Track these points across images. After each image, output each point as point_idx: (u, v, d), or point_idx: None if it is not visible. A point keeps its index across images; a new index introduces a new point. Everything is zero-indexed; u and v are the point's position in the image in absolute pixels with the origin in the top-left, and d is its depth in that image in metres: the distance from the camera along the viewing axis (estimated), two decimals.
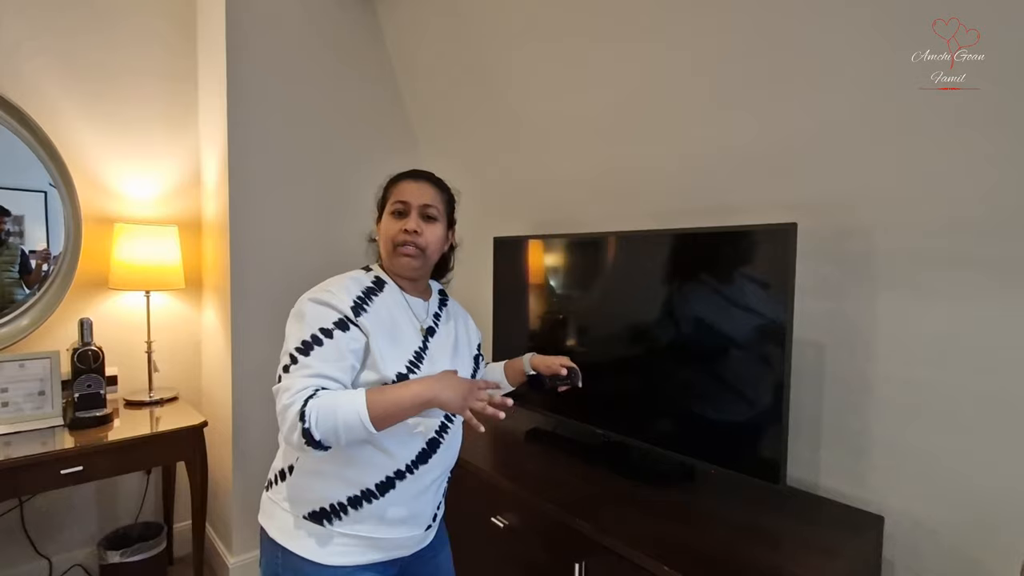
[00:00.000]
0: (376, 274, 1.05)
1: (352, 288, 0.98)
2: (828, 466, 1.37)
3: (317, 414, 0.83)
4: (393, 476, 0.97)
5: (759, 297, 1.24)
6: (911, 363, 1.22)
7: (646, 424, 1.47)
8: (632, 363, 1.51)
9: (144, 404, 2.02)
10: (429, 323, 1.07)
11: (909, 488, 1.23)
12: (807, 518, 1.23)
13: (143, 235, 1.96)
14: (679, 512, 1.25)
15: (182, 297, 2.22)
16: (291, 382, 0.87)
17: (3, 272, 1.85)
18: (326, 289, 0.96)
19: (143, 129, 2.09)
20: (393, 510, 0.97)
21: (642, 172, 1.68)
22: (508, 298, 1.91)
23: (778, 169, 1.38)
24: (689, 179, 1.57)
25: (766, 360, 1.22)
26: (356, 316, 0.94)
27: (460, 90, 2.11)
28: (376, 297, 1.00)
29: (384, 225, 1.04)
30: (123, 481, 2.14)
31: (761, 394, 1.23)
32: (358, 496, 0.95)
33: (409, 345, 1.00)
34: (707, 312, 1.33)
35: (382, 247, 1.05)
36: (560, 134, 1.85)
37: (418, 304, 1.07)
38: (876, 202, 1.24)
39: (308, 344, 0.90)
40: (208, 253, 2.18)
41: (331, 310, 0.93)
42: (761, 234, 1.23)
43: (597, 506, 1.28)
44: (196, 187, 2.22)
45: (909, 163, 1.16)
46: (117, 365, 2.06)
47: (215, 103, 2.02)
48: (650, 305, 1.46)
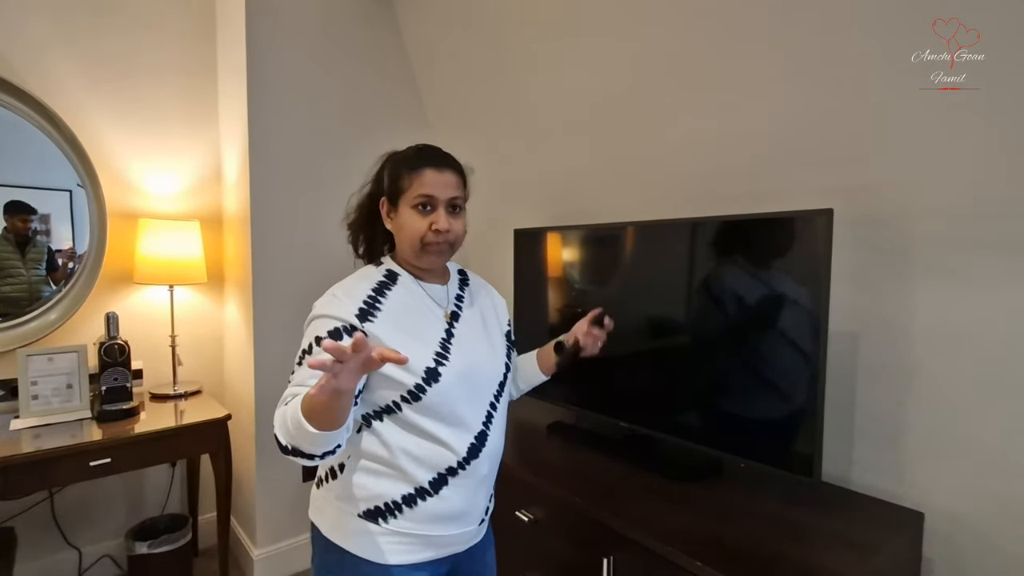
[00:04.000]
0: (388, 267, 1.00)
1: (360, 289, 0.94)
2: (861, 460, 1.32)
3: (277, 419, 0.83)
4: (445, 472, 0.94)
5: (792, 286, 1.20)
6: (951, 352, 1.18)
7: (672, 417, 1.44)
8: (658, 356, 1.48)
9: (169, 397, 2.04)
10: (452, 308, 1.03)
11: (950, 483, 1.19)
12: (841, 514, 1.19)
13: (166, 230, 1.98)
14: (708, 507, 1.22)
15: (204, 291, 2.23)
16: (285, 393, 0.88)
17: (31, 270, 1.88)
18: (332, 295, 0.94)
19: (165, 125, 2.10)
20: (447, 507, 0.95)
21: (668, 159, 1.65)
22: (530, 290, 1.89)
23: (806, 155, 1.33)
24: (715, 166, 1.53)
25: (799, 350, 1.18)
26: (363, 321, 0.90)
27: (478, 81, 2.09)
28: (389, 292, 0.96)
29: (407, 220, 0.95)
30: (149, 473, 2.17)
31: (794, 385, 1.19)
32: (412, 494, 0.93)
33: (432, 336, 0.97)
34: (737, 302, 1.30)
35: (404, 242, 0.97)
36: (581, 122, 1.82)
37: (437, 291, 1.02)
38: (912, 186, 1.19)
39: (304, 354, 0.90)
40: (229, 248, 2.20)
41: (329, 320, 0.90)
42: (795, 221, 1.19)
43: (624, 500, 1.26)
44: (217, 182, 2.24)
45: (944, 146, 1.12)
46: (142, 359, 2.08)
47: (235, 98, 2.03)
48: (676, 296, 1.43)
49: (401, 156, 1.00)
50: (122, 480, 2.10)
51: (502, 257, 2.05)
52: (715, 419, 1.36)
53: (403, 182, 0.96)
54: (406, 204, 0.96)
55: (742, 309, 1.29)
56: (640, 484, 1.33)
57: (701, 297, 1.38)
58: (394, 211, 0.98)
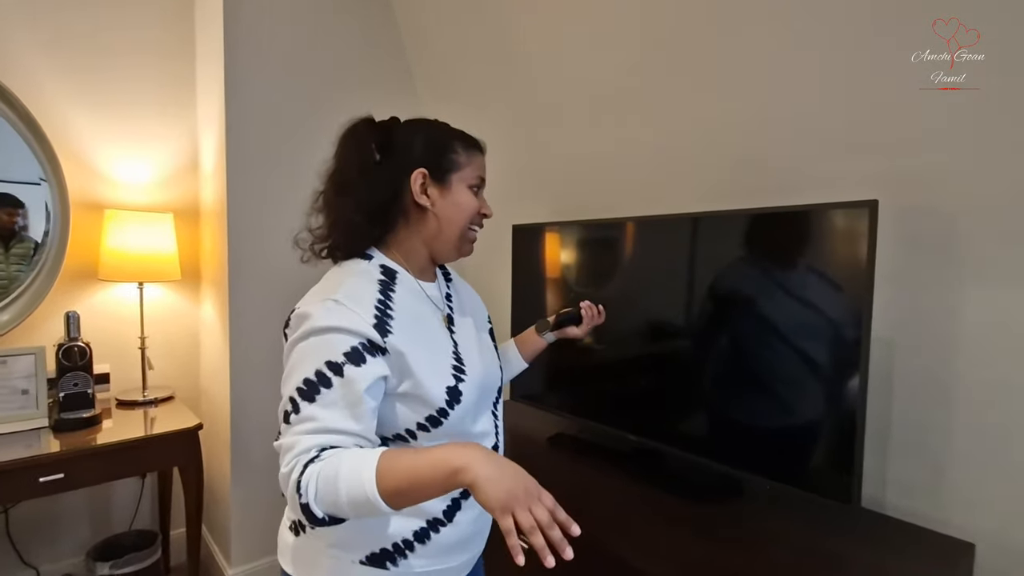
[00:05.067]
0: (381, 262, 0.82)
1: (366, 292, 0.75)
2: (898, 481, 1.19)
3: (316, 486, 0.62)
4: (459, 497, 0.81)
5: (829, 287, 1.07)
6: (1001, 361, 1.05)
7: (686, 431, 1.31)
8: (671, 361, 1.35)
9: (138, 404, 1.88)
10: (446, 309, 0.89)
11: (1002, 509, 1.06)
12: (880, 543, 1.06)
13: (136, 222, 1.83)
14: (729, 534, 1.08)
15: (178, 290, 2.08)
16: (292, 440, 0.67)
17: (12, 265, 1.74)
18: (335, 302, 0.71)
19: (136, 110, 1.95)
20: (459, 533, 0.82)
21: (681, 149, 1.51)
22: (528, 290, 1.75)
23: (837, 142, 1.20)
24: (739, 154, 1.40)
25: (835, 359, 1.05)
26: (383, 335, 0.72)
27: (474, 62, 1.95)
28: (394, 295, 0.78)
29: (462, 198, 0.83)
30: (117, 486, 2.01)
31: (829, 398, 1.06)
32: (424, 528, 0.79)
33: (444, 346, 0.82)
34: (762, 303, 1.17)
35: (449, 225, 0.82)
36: (584, 109, 1.68)
37: (432, 289, 0.88)
38: (959, 177, 1.06)
39: (312, 385, 0.68)
40: (206, 243, 2.04)
41: (342, 335, 0.70)
42: (833, 213, 1.06)
43: (634, 526, 1.12)
44: (194, 172, 2.08)
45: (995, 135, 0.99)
46: (109, 362, 1.93)
47: (213, 80, 1.88)
48: (692, 296, 1.29)
49: (442, 127, 0.86)
50: (87, 493, 1.94)
51: (499, 254, 1.91)
52: (736, 433, 1.22)
53: (459, 156, 0.83)
54: (463, 182, 0.83)
55: (769, 310, 1.16)
56: (651, 506, 1.20)
57: (722, 300, 1.24)
58: (441, 187, 0.82)
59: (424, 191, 0.81)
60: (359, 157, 0.81)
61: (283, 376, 0.73)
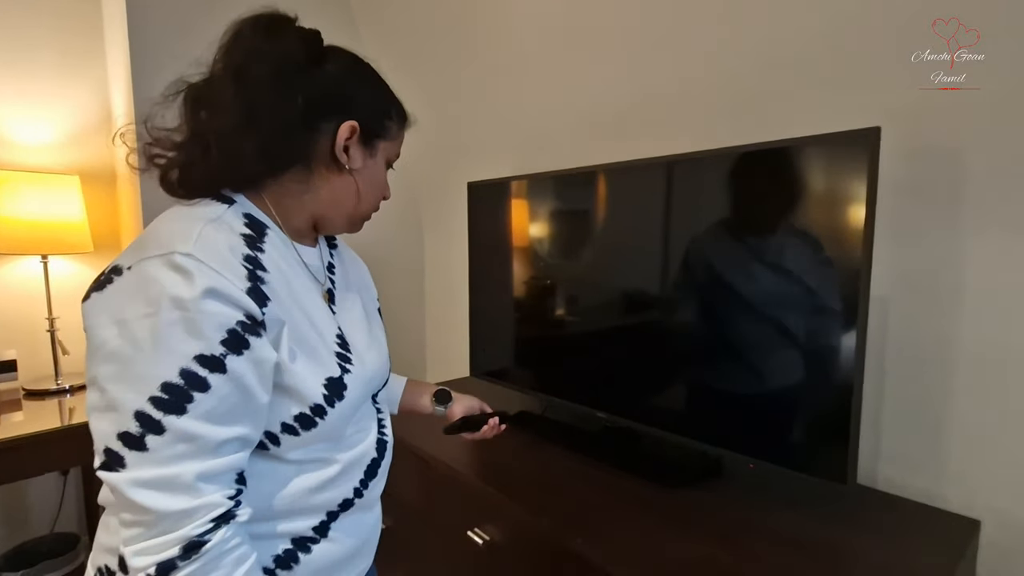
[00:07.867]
0: (246, 210, 0.60)
1: (229, 245, 0.55)
2: (892, 453, 1.08)
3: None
4: (338, 509, 0.64)
5: (819, 233, 0.92)
6: (1012, 322, 0.92)
7: (660, 406, 1.17)
8: (643, 330, 1.20)
9: (50, 393, 1.67)
10: (327, 283, 0.70)
11: (1007, 482, 0.94)
12: (876, 523, 0.94)
13: (33, 185, 1.59)
14: (709, 522, 0.95)
15: (92, 263, 1.84)
16: (172, 472, 0.48)
17: None
18: (184, 253, 0.50)
19: (31, 58, 1.69)
20: (339, 549, 0.65)
21: (657, 90, 1.34)
22: (488, 258, 1.58)
23: (829, 72, 1.05)
24: (715, 97, 1.24)
25: (827, 320, 0.91)
26: (261, 305, 0.53)
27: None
28: (262, 255, 0.58)
29: (379, 174, 0.69)
30: (35, 485, 1.80)
31: (820, 365, 0.92)
32: (290, 550, 0.61)
33: (326, 327, 0.64)
34: (746, 256, 1.02)
35: (357, 197, 0.67)
36: (550, 48, 1.50)
37: (310, 256, 0.68)
38: (966, 110, 0.92)
39: (178, 392, 0.48)
40: (124, 209, 1.81)
41: (210, 308, 0.50)
42: (826, 145, 0.90)
43: (602, 515, 0.98)
44: (106, 130, 1.83)
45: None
46: (15, 347, 1.70)
47: (119, 23, 1.62)
48: (668, 254, 1.14)
49: (385, 85, 0.71)
50: None
51: (453, 218, 1.73)
52: (715, 408, 1.09)
53: (393, 125, 0.70)
54: (385, 153, 0.70)
55: (753, 265, 1.01)
56: (621, 491, 1.06)
57: (700, 251, 1.09)
58: (364, 151, 0.66)
59: (344, 150, 0.64)
60: (277, 62, 0.59)
61: (101, 376, 0.50)
